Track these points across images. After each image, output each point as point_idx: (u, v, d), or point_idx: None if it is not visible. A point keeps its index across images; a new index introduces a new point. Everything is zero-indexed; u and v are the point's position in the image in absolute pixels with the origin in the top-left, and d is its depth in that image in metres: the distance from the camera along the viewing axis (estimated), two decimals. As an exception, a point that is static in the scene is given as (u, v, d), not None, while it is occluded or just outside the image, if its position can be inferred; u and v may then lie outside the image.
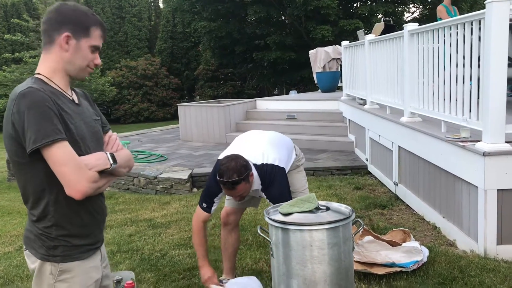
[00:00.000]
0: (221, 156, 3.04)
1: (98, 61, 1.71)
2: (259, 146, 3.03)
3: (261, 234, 2.37)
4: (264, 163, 2.89)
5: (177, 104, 10.58)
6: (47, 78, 1.63)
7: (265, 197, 2.96)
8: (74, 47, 1.64)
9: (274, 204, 2.70)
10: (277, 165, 2.91)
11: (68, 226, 1.64)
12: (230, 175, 2.67)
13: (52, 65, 1.64)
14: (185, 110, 10.14)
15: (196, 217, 3.08)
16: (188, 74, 26.73)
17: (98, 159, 1.63)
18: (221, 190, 2.91)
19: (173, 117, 22.92)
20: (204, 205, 3.02)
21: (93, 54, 1.69)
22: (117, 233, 4.83)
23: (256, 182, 2.88)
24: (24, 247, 1.72)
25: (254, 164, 2.86)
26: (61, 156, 1.52)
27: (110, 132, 1.87)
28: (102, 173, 1.64)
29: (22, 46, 21.54)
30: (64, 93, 1.67)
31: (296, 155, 3.31)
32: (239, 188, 2.72)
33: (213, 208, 3.03)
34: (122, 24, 26.44)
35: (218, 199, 3.01)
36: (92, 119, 1.76)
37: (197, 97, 26.51)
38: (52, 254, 1.64)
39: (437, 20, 7.54)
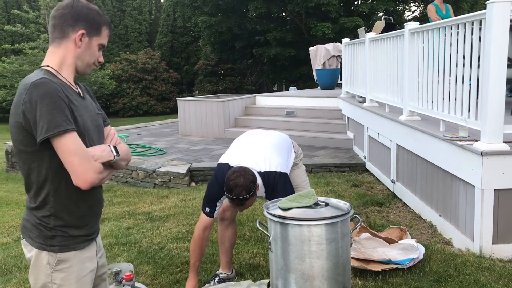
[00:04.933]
0: (222, 159, 3.03)
1: (102, 59, 1.80)
2: (261, 151, 2.99)
3: (260, 228, 2.39)
4: (268, 170, 2.86)
5: (177, 99, 10.60)
6: (56, 71, 1.68)
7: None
8: (86, 44, 1.71)
9: None
10: (280, 172, 2.88)
11: (66, 217, 1.68)
12: (238, 192, 2.66)
13: (62, 59, 1.69)
14: (185, 104, 10.15)
15: (199, 224, 3.09)
16: (188, 69, 26.74)
17: (103, 151, 1.69)
18: (223, 194, 2.90)
19: (172, 111, 22.94)
20: (207, 209, 3.02)
21: (99, 52, 1.77)
22: (115, 226, 4.85)
23: (261, 190, 2.88)
24: (21, 236, 1.75)
25: (259, 172, 2.84)
26: (71, 146, 1.57)
27: (109, 127, 1.93)
28: (104, 165, 1.69)
29: (21, 37, 21.54)
30: (71, 86, 1.72)
31: (295, 152, 3.30)
32: (246, 204, 2.75)
33: (216, 212, 3.04)
34: (123, 17, 26.43)
35: (220, 202, 3.03)
36: (95, 113, 1.81)
37: (196, 91, 26.54)
38: (50, 244, 1.67)
39: (428, 19, 7.49)
